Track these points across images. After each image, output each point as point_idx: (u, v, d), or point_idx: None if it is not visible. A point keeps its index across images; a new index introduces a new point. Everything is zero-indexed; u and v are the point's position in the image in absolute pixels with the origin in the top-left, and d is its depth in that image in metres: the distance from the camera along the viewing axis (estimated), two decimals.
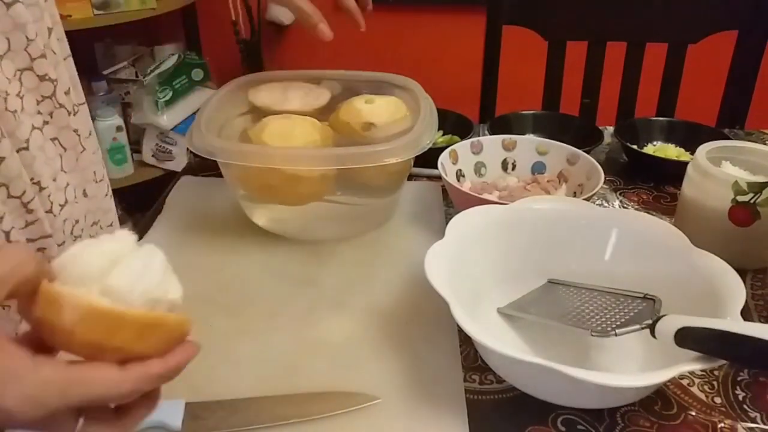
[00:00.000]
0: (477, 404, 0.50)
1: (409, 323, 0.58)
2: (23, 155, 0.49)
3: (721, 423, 0.48)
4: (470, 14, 1.89)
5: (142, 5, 1.65)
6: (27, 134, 0.50)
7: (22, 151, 0.49)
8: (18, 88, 0.50)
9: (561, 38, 1.18)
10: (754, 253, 0.64)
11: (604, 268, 0.58)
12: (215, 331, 0.56)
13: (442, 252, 0.52)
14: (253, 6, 1.89)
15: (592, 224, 0.60)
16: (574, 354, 0.54)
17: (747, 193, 0.61)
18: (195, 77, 1.82)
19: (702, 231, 0.61)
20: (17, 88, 0.50)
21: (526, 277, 0.60)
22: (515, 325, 0.57)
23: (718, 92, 1.18)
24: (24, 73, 0.50)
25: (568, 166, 0.76)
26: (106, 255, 0.34)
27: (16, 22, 0.48)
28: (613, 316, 0.51)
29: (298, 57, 2.13)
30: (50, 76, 0.52)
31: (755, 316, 0.60)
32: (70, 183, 0.56)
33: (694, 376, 0.53)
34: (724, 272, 0.50)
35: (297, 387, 0.51)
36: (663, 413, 0.49)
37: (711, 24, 1.13)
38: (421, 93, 0.73)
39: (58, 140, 0.55)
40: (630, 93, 1.21)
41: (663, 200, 0.80)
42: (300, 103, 0.73)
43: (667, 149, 0.90)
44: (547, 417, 0.49)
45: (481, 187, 0.76)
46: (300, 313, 0.58)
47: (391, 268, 0.65)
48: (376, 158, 0.60)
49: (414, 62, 1.81)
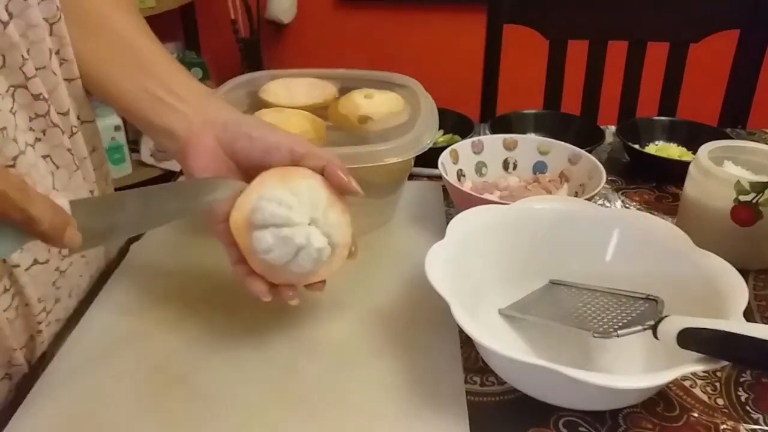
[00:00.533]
0: (478, 406, 0.49)
1: (410, 324, 0.57)
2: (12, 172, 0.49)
3: (724, 425, 0.48)
4: (471, 13, 1.89)
5: (140, 4, 1.65)
6: (15, 152, 0.49)
7: (9, 168, 0.49)
8: (10, 104, 0.50)
9: (562, 37, 1.18)
10: (757, 253, 0.64)
11: (605, 269, 0.58)
12: (215, 331, 0.55)
13: (443, 252, 0.52)
14: (252, 5, 1.89)
15: (594, 224, 0.59)
16: (575, 355, 0.54)
17: (749, 192, 0.60)
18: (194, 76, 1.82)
19: (704, 231, 0.60)
20: (9, 104, 0.50)
21: (528, 278, 0.59)
22: (516, 326, 0.56)
23: (720, 92, 1.18)
24: (17, 90, 0.50)
25: (569, 166, 0.76)
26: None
27: (12, 41, 0.48)
28: (615, 317, 0.51)
29: (297, 56, 2.13)
30: (44, 96, 0.52)
31: (758, 317, 0.60)
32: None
33: (696, 377, 0.52)
34: (727, 272, 0.50)
35: (296, 387, 0.51)
36: (665, 415, 0.49)
37: (713, 23, 1.13)
38: (422, 92, 0.73)
39: (50, 158, 0.54)
40: (632, 92, 1.21)
41: (665, 200, 0.80)
42: (306, 98, 0.73)
43: (668, 149, 0.90)
44: (549, 419, 0.48)
45: (482, 187, 0.76)
46: (300, 313, 0.58)
47: (391, 268, 0.65)
48: (376, 158, 0.60)
49: (414, 61, 1.81)
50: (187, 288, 0.62)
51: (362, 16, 2.04)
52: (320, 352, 0.54)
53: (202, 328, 0.56)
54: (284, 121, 0.65)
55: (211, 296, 0.61)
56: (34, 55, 0.51)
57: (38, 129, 0.53)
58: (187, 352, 0.54)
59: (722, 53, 1.15)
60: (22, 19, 0.50)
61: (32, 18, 0.51)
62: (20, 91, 0.51)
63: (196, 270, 0.65)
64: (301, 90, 0.74)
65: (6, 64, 0.49)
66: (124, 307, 0.59)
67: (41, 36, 0.52)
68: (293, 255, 0.48)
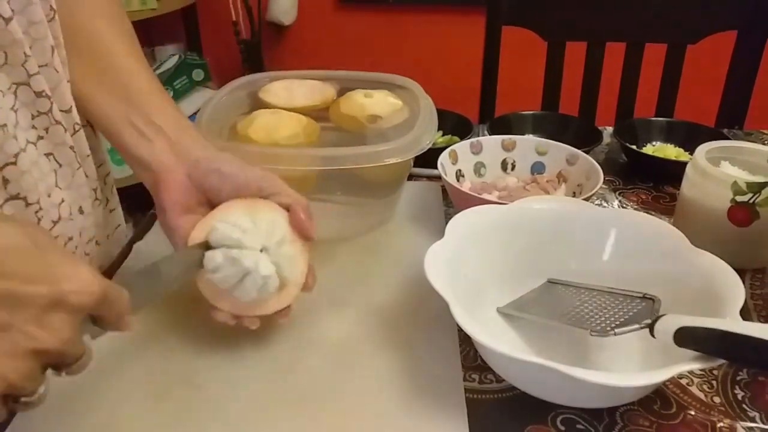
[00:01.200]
0: (477, 403, 0.50)
1: (409, 323, 0.58)
2: (9, 170, 0.49)
3: (720, 422, 0.48)
4: (470, 15, 1.89)
5: (142, 5, 1.65)
6: (16, 149, 0.50)
7: (8, 167, 0.49)
8: (12, 102, 0.50)
9: (560, 39, 1.18)
10: (754, 253, 0.64)
11: (603, 268, 0.58)
12: (215, 331, 0.56)
13: (442, 252, 0.53)
14: (253, 6, 1.89)
15: (592, 224, 0.60)
16: (573, 353, 0.54)
17: (746, 193, 0.61)
18: (196, 77, 1.83)
19: (701, 231, 0.61)
20: (11, 101, 0.50)
21: (526, 277, 0.60)
22: (515, 325, 0.57)
23: (718, 92, 1.19)
24: (20, 88, 0.51)
25: (567, 167, 0.76)
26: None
27: (14, 37, 0.49)
28: (612, 315, 0.51)
29: (298, 57, 2.13)
30: (47, 93, 0.52)
31: (754, 316, 0.60)
32: (65, 199, 0.56)
33: (693, 375, 0.53)
34: (723, 272, 0.50)
35: (297, 385, 0.51)
36: (662, 413, 0.49)
37: (710, 24, 1.14)
38: (421, 93, 0.73)
39: (53, 156, 0.55)
40: (629, 93, 1.21)
41: (662, 200, 0.80)
42: (305, 99, 0.74)
43: (666, 149, 0.90)
44: (547, 416, 0.49)
45: (481, 187, 0.76)
46: (300, 313, 0.58)
47: (391, 268, 0.65)
48: (376, 158, 0.60)
49: (414, 62, 1.81)
50: (186, 288, 0.62)
51: (362, 18, 2.04)
52: (320, 350, 0.55)
53: (203, 328, 0.57)
54: (277, 122, 0.66)
55: None
56: (36, 52, 0.51)
57: (40, 127, 0.53)
58: (188, 351, 0.54)
59: (719, 54, 1.15)
60: (24, 16, 0.50)
61: (34, 15, 0.51)
62: (22, 89, 0.51)
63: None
64: (301, 91, 0.75)
65: (8, 61, 0.49)
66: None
67: (43, 33, 0.52)
68: (240, 278, 0.48)
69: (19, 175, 0.50)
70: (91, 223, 0.61)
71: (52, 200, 0.54)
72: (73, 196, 0.57)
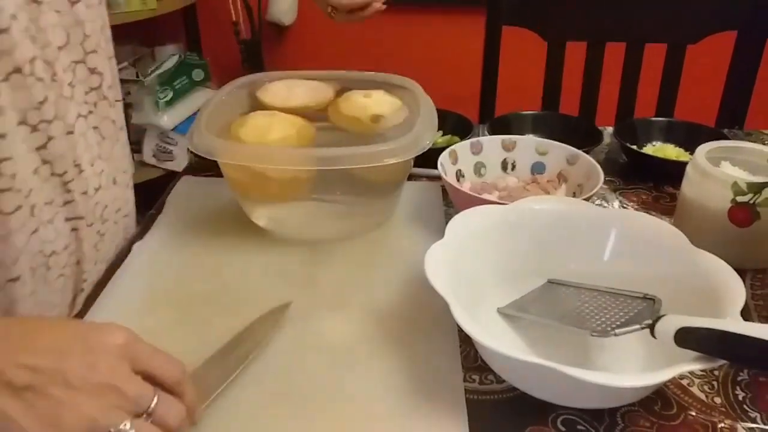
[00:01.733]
0: (477, 404, 0.50)
1: (409, 323, 0.58)
2: (69, 138, 0.54)
3: (721, 423, 0.48)
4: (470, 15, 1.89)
5: (142, 6, 1.65)
6: (74, 120, 0.55)
7: (69, 134, 0.54)
8: (71, 78, 0.55)
9: (560, 39, 1.18)
10: (754, 253, 0.64)
11: (603, 268, 0.58)
12: (215, 331, 0.56)
13: (442, 252, 0.53)
14: (253, 6, 1.89)
15: (592, 224, 0.60)
16: (573, 354, 0.54)
17: (746, 193, 0.61)
18: (195, 77, 1.82)
19: (701, 231, 0.61)
20: (70, 77, 0.55)
21: (526, 277, 0.60)
22: (515, 325, 0.57)
23: (718, 92, 1.18)
24: (78, 65, 0.56)
25: (567, 167, 0.76)
26: None
27: (77, 19, 0.54)
28: (612, 316, 0.51)
29: (298, 57, 2.13)
30: (99, 70, 0.58)
31: (755, 316, 0.60)
32: (104, 170, 0.61)
33: (694, 376, 0.53)
34: (724, 272, 0.50)
35: (296, 385, 0.51)
36: (663, 413, 0.49)
37: (710, 24, 1.14)
38: (421, 93, 0.73)
39: (99, 129, 0.60)
40: (629, 93, 1.21)
41: (662, 200, 0.80)
42: (302, 99, 0.74)
43: (666, 149, 0.90)
44: (547, 417, 0.49)
45: (481, 188, 0.76)
46: (300, 313, 0.58)
47: (391, 268, 0.65)
48: (375, 158, 0.60)
49: (414, 63, 1.81)
50: (186, 288, 0.62)
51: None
52: (320, 350, 0.55)
53: (203, 328, 0.57)
54: (269, 124, 0.66)
55: (211, 296, 0.61)
56: (91, 32, 0.56)
57: (91, 102, 0.58)
58: (188, 351, 0.54)
59: (720, 54, 1.15)
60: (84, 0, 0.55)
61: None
62: (79, 66, 0.56)
63: (196, 270, 0.65)
64: (300, 92, 0.75)
65: (70, 40, 0.54)
66: (125, 306, 0.60)
67: (97, 15, 0.57)
68: None
69: (75, 143, 0.55)
70: (121, 195, 0.65)
71: (95, 169, 0.59)
72: (111, 168, 0.62)
